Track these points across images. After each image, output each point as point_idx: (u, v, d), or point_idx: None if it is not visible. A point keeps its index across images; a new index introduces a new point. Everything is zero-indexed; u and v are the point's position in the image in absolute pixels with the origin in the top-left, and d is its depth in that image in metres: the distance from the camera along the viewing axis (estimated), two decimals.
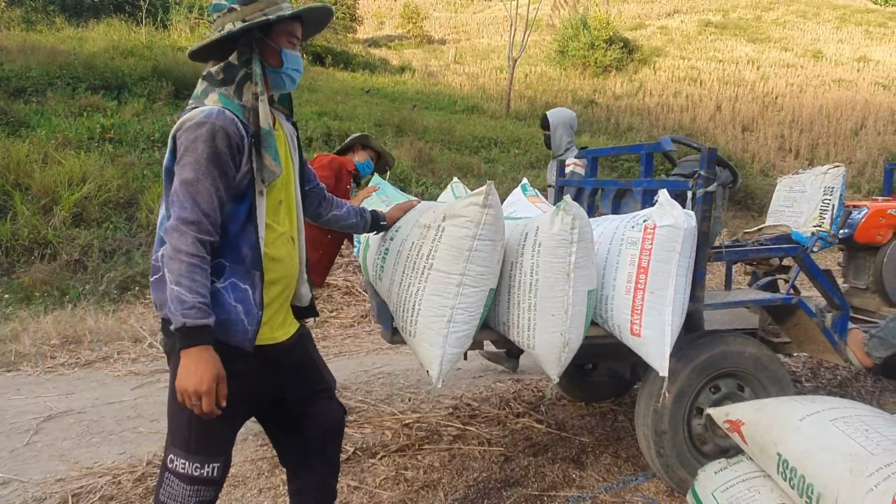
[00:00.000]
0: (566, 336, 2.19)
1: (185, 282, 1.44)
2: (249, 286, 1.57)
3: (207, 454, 1.61)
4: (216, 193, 1.51)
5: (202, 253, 1.47)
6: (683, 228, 2.26)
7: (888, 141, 15.60)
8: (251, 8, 1.60)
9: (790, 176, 3.73)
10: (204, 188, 1.48)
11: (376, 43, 23.16)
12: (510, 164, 10.79)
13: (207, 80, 1.60)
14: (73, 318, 4.98)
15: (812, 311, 2.75)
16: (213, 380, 1.46)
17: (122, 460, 2.99)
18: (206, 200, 1.49)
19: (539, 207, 2.95)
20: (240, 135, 1.54)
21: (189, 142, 1.49)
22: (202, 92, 1.59)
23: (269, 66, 1.66)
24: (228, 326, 1.55)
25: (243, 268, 1.57)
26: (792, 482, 1.85)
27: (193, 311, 1.44)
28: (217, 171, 1.50)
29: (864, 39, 25.01)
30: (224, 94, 1.58)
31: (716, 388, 2.66)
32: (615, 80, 19.03)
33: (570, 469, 2.90)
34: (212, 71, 1.60)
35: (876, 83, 20.18)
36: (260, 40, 1.62)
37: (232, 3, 1.60)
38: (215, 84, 1.59)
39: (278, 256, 1.66)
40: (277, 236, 1.66)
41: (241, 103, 1.59)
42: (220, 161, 1.50)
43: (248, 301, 1.57)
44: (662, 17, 27.68)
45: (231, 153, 1.52)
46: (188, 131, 1.50)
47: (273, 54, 1.66)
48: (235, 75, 1.59)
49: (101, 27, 13.05)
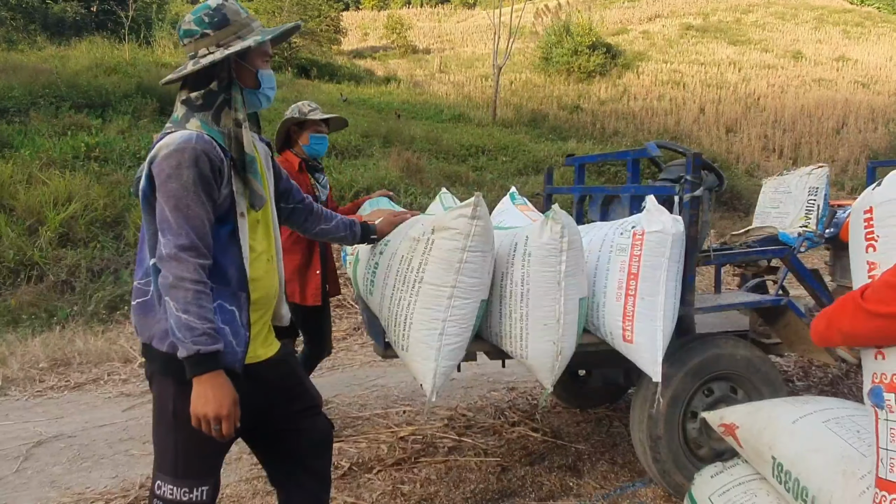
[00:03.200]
0: (559, 344, 2.20)
1: (194, 309, 1.44)
2: (236, 307, 1.57)
3: (197, 478, 1.59)
4: (206, 217, 1.51)
5: (204, 278, 1.48)
6: (672, 234, 2.27)
7: (869, 138, 15.83)
8: (225, 32, 1.59)
9: (775, 177, 3.76)
10: (195, 213, 1.48)
11: (361, 54, 23.23)
12: (498, 172, 10.83)
13: (187, 105, 1.60)
14: (62, 340, 4.92)
15: (801, 312, 2.77)
16: (232, 404, 1.49)
17: (114, 484, 2.95)
18: (199, 225, 1.49)
19: (528, 216, 2.95)
20: (220, 158, 1.54)
21: (171, 168, 1.48)
22: (182, 117, 1.58)
23: (245, 87, 1.66)
24: None
25: (229, 289, 1.57)
26: (787, 485, 1.85)
27: (204, 338, 1.45)
28: (204, 195, 1.50)
29: (842, 39, 25.42)
30: (203, 121, 1.58)
31: (709, 392, 2.67)
32: (599, 86, 19.19)
33: (567, 477, 2.90)
34: (192, 96, 1.59)
35: (855, 82, 20.50)
36: (236, 63, 1.62)
37: (204, 29, 1.59)
38: (195, 109, 1.59)
39: (257, 276, 1.65)
40: (256, 256, 1.66)
41: (220, 129, 1.59)
42: (205, 185, 1.50)
43: (235, 322, 1.56)
44: (644, 21, 27.98)
45: (213, 176, 1.52)
46: (169, 158, 1.48)
47: (249, 76, 1.66)
48: (214, 101, 1.59)
49: (83, 45, 13.00)
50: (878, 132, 16.29)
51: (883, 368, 1.48)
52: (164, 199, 1.49)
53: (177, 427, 1.56)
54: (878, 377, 1.50)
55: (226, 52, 1.57)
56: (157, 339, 1.54)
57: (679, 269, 2.35)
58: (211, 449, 1.60)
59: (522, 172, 10.94)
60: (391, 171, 9.26)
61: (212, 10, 1.59)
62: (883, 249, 1.54)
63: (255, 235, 1.68)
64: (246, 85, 1.66)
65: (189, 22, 1.60)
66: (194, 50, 1.60)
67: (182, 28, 1.62)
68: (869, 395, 1.52)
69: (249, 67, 1.65)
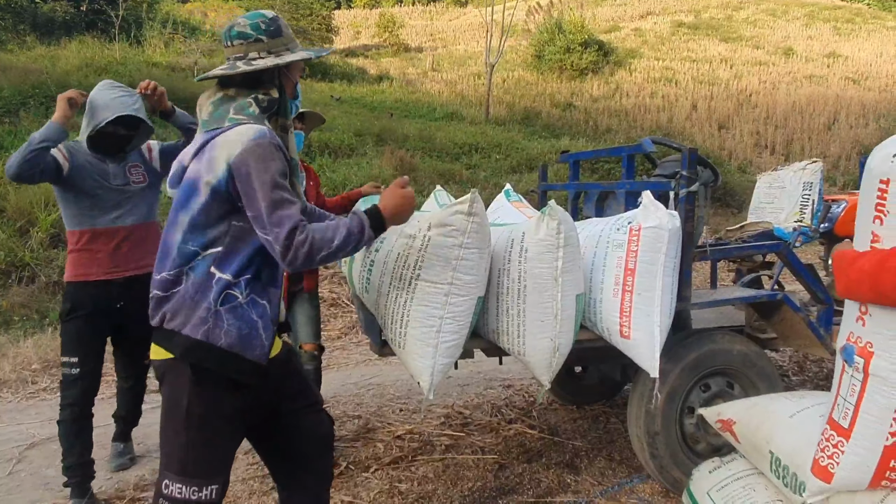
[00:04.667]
0: (556, 341, 2.19)
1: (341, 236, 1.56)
2: (267, 302, 1.64)
3: (206, 476, 1.59)
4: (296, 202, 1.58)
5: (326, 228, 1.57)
6: (668, 229, 2.27)
7: (860, 134, 15.91)
8: (276, 42, 1.68)
9: (769, 173, 3.78)
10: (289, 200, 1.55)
11: (353, 53, 23.15)
12: (492, 170, 10.82)
13: (256, 103, 1.65)
14: (54, 342, 4.87)
15: (797, 306, 2.77)
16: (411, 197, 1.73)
17: (109, 485, 2.93)
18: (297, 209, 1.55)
19: (523, 213, 2.95)
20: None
21: (259, 160, 1.53)
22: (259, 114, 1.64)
23: (290, 98, 1.77)
24: (251, 340, 1.59)
25: (260, 284, 1.63)
26: (784, 479, 1.86)
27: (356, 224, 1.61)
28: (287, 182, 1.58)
29: (833, 36, 25.53)
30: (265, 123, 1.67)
31: (706, 387, 2.67)
32: (592, 83, 19.20)
33: (564, 474, 2.89)
34: (259, 97, 1.65)
35: (846, 78, 20.60)
36: (282, 75, 1.72)
37: (259, 35, 1.66)
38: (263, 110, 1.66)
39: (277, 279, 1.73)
40: None
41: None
42: (286, 174, 1.59)
43: (266, 317, 1.63)
44: (636, 19, 28.02)
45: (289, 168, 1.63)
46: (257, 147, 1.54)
47: (290, 86, 1.77)
48: (274, 106, 1.69)
49: (73, 45, 12.89)
50: (869, 128, 16.38)
51: (860, 332, 1.60)
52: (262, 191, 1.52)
53: (188, 425, 1.57)
54: (854, 338, 1.62)
55: (285, 59, 1.67)
56: (191, 327, 1.56)
57: (675, 265, 2.35)
58: (221, 447, 1.63)
59: (516, 170, 10.94)
60: (385, 170, 9.24)
61: (268, 19, 1.69)
62: (889, 225, 1.52)
63: None
64: (289, 94, 1.76)
65: (244, 26, 1.67)
66: (244, 52, 1.66)
67: (235, 30, 1.67)
68: (841, 351, 1.66)
69: (292, 78, 1.76)
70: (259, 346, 1.61)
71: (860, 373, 1.59)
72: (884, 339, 1.55)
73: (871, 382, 1.57)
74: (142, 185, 2.82)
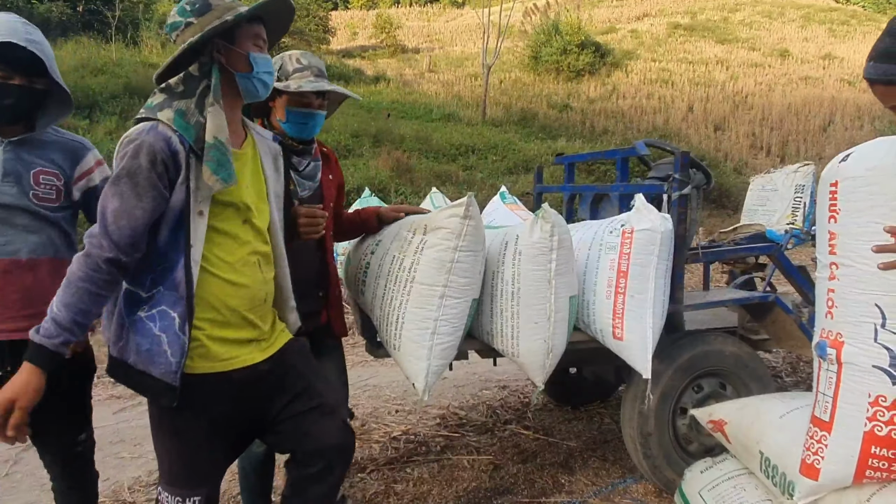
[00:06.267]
0: (550, 342, 2.21)
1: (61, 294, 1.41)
2: (178, 314, 1.46)
3: (188, 487, 1.56)
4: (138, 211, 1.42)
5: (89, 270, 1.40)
6: (660, 231, 2.29)
7: (855, 136, 15.98)
8: (208, 18, 1.51)
9: (762, 175, 3.81)
10: (124, 206, 1.41)
11: (350, 53, 23.17)
12: (488, 171, 10.85)
13: (166, 93, 1.51)
14: None
15: (789, 308, 2.80)
16: (2, 403, 1.38)
17: (106, 487, 2.93)
18: (114, 216, 1.41)
19: (518, 215, 2.97)
20: (171, 151, 1.44)
21: (120, 158, 1.45)
22: (157, 105, 1.50)
23: (239, 72, 1.56)
24: (152, 357, 1.46)
25: (175, 295, 1.47)
26: (774, 479, 1.88)
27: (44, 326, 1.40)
28: (142, 187, 1.42)
29: (828, 37, 25.64)
30: (182, 109, 1.48)
31: (699, 388, 2.69)
32: (589, 84, 19.26)
33: (559, 474, 2.92)
34: (171, 83, 1.52)
35: (841, 80, 20.69)
36: (225, 49, 1.54)
37: (188, 18, 1.52)
38: (174, 97, 1.50)
39: (239, 281, 1.56)
40: (238, 260, 1.56)
41: (202, 118, 1.49)
42: (147, 177, 1.42)
43: (171, 330, 1.45)
44: (632, 20, 28.10)
45: (160, 170, 1.43)
46: (120, 148, 1.46)
47: (241, 60, 1.56)
48: (196, 87, 1.51)
49: (69, 46, 12.89)
50: (864, 129, 16.47)
51: (830, 326, 1.70)
52: (106, 187, 1.44)
53: (162, 435, 1.57)
54: (826, 333, 1.72)
55: (205, 32, 1.48)
56: (111, 343, 1.53)
57: (668, 267, 2.37)
58: (200, 458, 1.56)
59: (512, 171, 10.97)
60: (381, 171, 9.26)
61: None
62: (842, 222, 1.67)
63: (238, 238, 1.57)
64: (239, 70, 1.56)
65: (173, 15, 1.56)
66: (183, 42, 1.53)
67: (168, 23, 1.57)
68: (815, 348, 1.74)
69: (239, 50, 1.55)
70: (163, 364, 1.45)
71: (834, 364, 1.67)
72: (850, 326, 1.64)
73: (845, 371, 1.64)
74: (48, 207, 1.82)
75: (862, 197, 1.63)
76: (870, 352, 1.60)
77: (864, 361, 1.61)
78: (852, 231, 1.65)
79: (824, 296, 1.74)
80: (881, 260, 1.51)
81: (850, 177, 1.66)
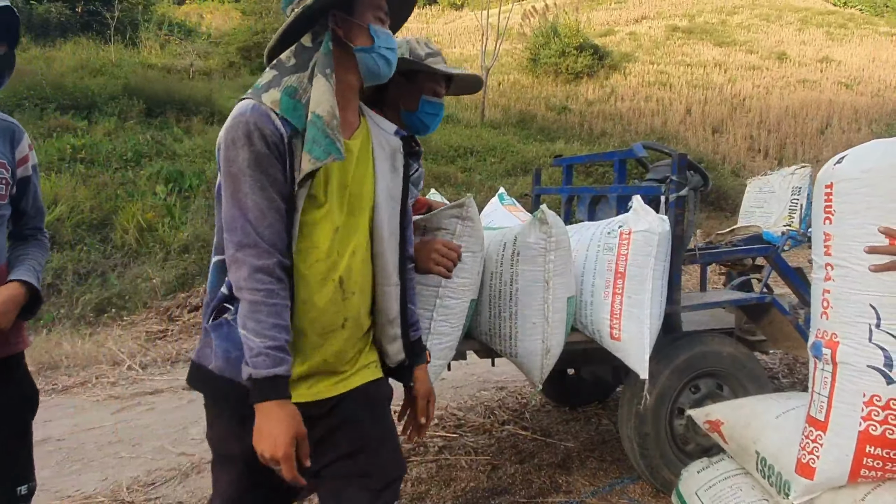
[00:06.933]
0: (547, 343, 2.23)
1: (251, 324, 1.21)
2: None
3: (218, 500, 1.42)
4: (271, 206, 1.23)
5: (265, 284, 1.21)
6: (658, 233, 2.31)
7: (853, 139, 16.01)
8: None
9: (759, 177, 3.82)
10: (253, 202, 1.22)
11: None
12: (487, 173, 10.86)
13: (276, 69, 1.31)
14: (49, 344, 4.88)
15: (785, 309, 2.81)
16: (289, 443, 1.20)
17: (104, 487, 2.94)
18: (258, 217, 1.22)
19: (516, 216, 2.98)
20: (277, 133, 1.24)
21: (227, 149, 1.24)
22: (264, 84, 1.29)
23: (357, 46, 1.34)
24: (239, 364, 1.27)
25: None
26: (770, 479, 1.89)
27: (260, 359, 1.19)
28: (264, 177, 1.23)
29: (826, 41, 25.70)
30: (293, 86, 1.28)
31: (696, 388, 2.70)
32: (587, 87, 19.27)
33: (556, 475, 2.92)
34: (282, 58, 1.32)
35: (839, 83, 20.74)
36: (343, 21, 1.34)
37: None
38: (284, 73, 1.30)
39: (310, 300, 1.31)
40: (314, 273, 1.31)
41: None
42: (263, 165, 1.23)
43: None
44: (631, 23, 28.14)
45: (273, 154, 1.24)
46: (225, 135, 1.25)
47: (360, 32, 1.35)
48: (310, 59, 1.30)
49: (68, 46, 12.88)
50: (861, 132, 16.50)
51: (825, 327, 1.72)
52: (224, 184, 1.25)
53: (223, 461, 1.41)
54: (821, 334, 1.74)
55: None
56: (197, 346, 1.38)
57: (665, 268, 2.39)
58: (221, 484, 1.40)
59: (511, 173, 10.98)
60: None
61: None
62: (837, 223, 1.69)
63: (319, 248, 1.32)
64: (356, 43, 1.35)
65: None
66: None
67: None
68: (811, 348, 1.76)
69: (358, 22, 1.35)
70: None
71: (829, 364, 1.68)
72: (845, 326, 1.65)
73: (840, 371, 1.66)
74: None
75: (857, 199, 1.65)
76: (865, 352, 1.62)
77: (859, 361, 1.62)
78: (847, 232, 1.66)
79: (820, 296, 1.76)
80: (873, 261, 1.52)
81: (845, 179, 1.68)
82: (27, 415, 1.67)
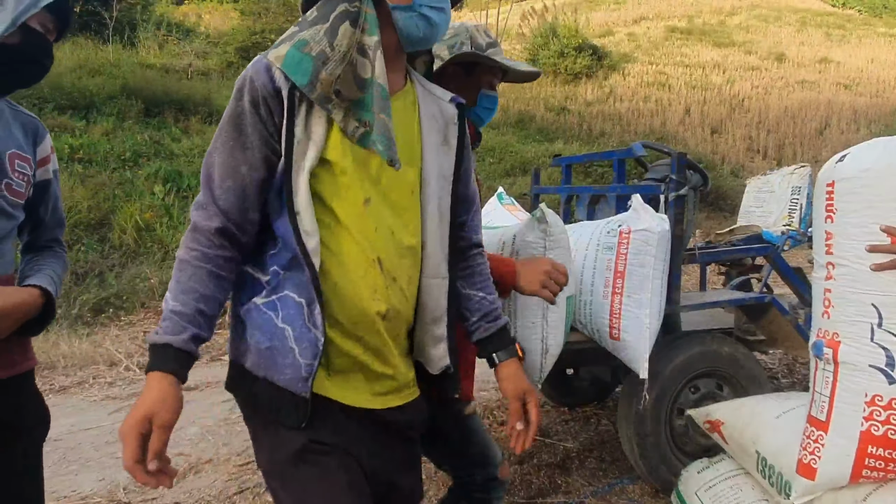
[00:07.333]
0: (546, 342, 2.21)
1: (171, 283, 1.11)
2: (305, 300, 1.12)
3: None
4: (235, 169, 1.12)
5: (201, 246, 1.11)
6: (657, 232, 2.30)
7: (851, 139, 16.02)
8: None
9: (758, 177, 3.82)
10: (220, 160, 1.13)
11: None
12: (486, 173, 10.85)
13: (299, 25, 1.17)
14: (46, 344, 4.86)
15: (785, 309, 2.81)
16: (138, 420, 1.01)
17: (101, 487, 2.92)
18: (221, 176, 1.12)
19: (515, 216, 2.97)
20: (271, 86, 1.11)
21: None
22: (281, 39, 1.16)
23: (396, 5, 1.17)
24: (275, 358, 1.13)
25: (301, 276, 1.12)
26: (770, 479, 1.88)
27: (165, 324, 1.08)
28: (238, 137, 1.11)
29: (825, 41, 25.73)
30: (304, 39, 1.12)
31: (695, 388, 2.70)
32: (586, 87, 19.28)
33: (555, 475, 2.91)
34: (307, 14, 1.19)
35: (838, 84, 20.77)
36: None
37: None
38: (304, 26, 1.15)
39: (343, 285, 1.14)
40: (347, 253, 1.14)
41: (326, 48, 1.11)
42: (241, 124, 1.11)
43: (298, 321, 1.12)
44: (629, 23, 28.16)
45: (256, 112, 1.11)
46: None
47: None
48: (331, 11, 1.13)
49: (66, 46, 12.83)
50: (860, 133, 16.52)
51: (826, 326, 1.70)
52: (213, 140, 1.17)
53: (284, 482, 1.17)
54: (822, 333, 1.72)
55: None
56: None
57: (665, 268, 2.38)
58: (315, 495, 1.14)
59: (510, 173, 10.98)
60: None
61: None
62: (838, 222, 1.68)
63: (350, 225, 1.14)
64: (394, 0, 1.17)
65: None
66: None
67: None
68: (812, 347, 1.74)
69: None
70: (290, 366, 1.12)
71: (831, 363, 1.66)
72: (847, 325, 1.64)
73: (842, 370, 1.64)
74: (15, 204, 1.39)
75: (859, 197, 1.64)
76: (866, 351, 1.61)
77: (860, 361, 1.61)
78: (849, 231, 1.65)
79: (821, 296, 1.74)
80: (874, 260, 1.51)
81: (846, 177, 1.67)
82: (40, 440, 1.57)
